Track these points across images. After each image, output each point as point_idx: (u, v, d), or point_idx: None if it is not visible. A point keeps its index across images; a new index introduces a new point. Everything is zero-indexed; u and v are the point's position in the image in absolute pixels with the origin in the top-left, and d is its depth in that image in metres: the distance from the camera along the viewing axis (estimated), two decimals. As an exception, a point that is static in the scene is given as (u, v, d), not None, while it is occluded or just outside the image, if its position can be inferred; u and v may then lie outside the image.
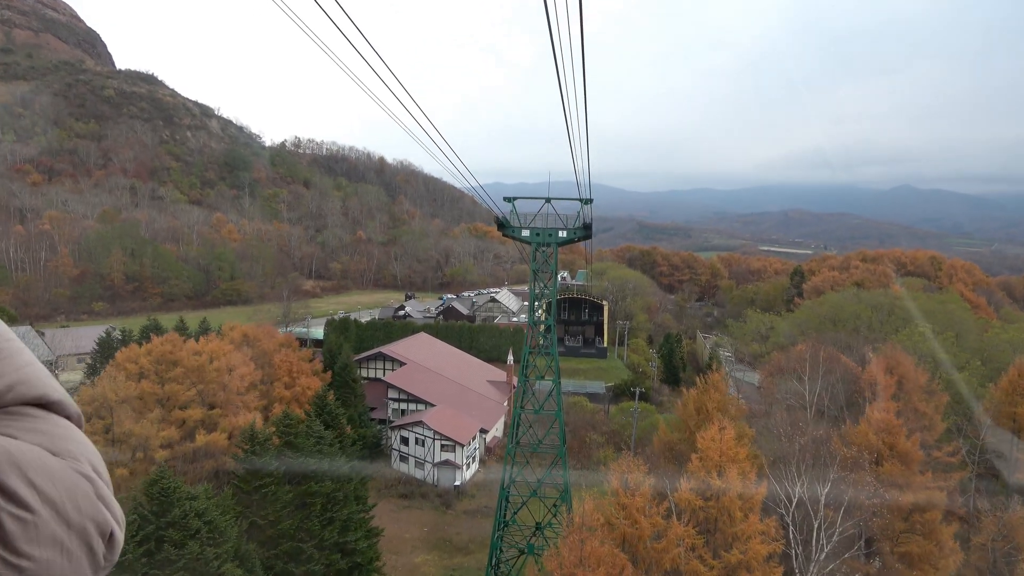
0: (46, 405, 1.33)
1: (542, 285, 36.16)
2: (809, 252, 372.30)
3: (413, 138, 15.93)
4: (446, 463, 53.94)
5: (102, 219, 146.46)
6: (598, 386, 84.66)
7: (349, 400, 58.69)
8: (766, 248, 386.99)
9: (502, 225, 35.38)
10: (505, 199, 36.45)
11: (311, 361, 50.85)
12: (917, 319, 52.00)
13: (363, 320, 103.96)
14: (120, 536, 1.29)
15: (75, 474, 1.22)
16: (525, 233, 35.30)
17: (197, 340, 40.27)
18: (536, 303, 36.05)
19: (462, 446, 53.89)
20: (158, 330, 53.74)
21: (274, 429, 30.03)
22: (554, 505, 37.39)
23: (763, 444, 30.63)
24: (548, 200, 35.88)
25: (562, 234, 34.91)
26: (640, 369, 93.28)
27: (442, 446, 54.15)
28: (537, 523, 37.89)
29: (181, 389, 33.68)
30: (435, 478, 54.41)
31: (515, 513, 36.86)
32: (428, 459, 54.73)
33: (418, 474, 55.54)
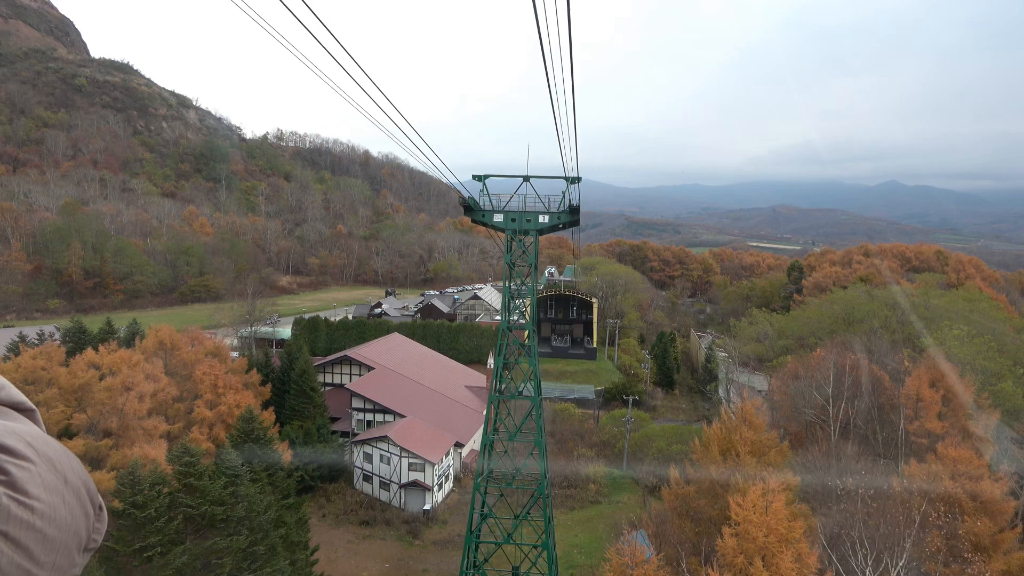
0: (24, 411, 1.41)
1: (519, 281, 29.67)
2: (798, 248, 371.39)
3: (370, 119, 14.64)
4: (414, 484, 47.39)
5: (64, 211, 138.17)
6: (587, 390, 78.40)
7: (307, 411, 52.14)
8: (755, 244, 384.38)
9: (469, 209, 28.79)
10: (475, 177, 29.90)
11: (249, 371, 43.69)
12: (949, 319, 46.02)
13: (337, 318, 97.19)
14: (105, 517, 1.36)
15: (65, 448, 1.31)
16: (498, 218, 28.74)
17: (97, 349, 33.18)
18: (512, 303, 29.53)
19: (433, 465, 47.37)
20: (82, 333, 46.73)
21: (171, 468, 23.41)
22: (533, 547, 30.98)
23: (802, 488, 24.22)
24: (527, 179, 29.33)
25: (543, 219, 28.37)
26: (632, 371, 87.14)
27: (410, 465, 47.62)
28: (514, 568, 31.49)
29: (56, 414, 26.76)
30: (402, 501, 47.87)
31: (486, 560, 30.38)
32: (394, 479, 48.18)
33: (383, 496, 48.97)
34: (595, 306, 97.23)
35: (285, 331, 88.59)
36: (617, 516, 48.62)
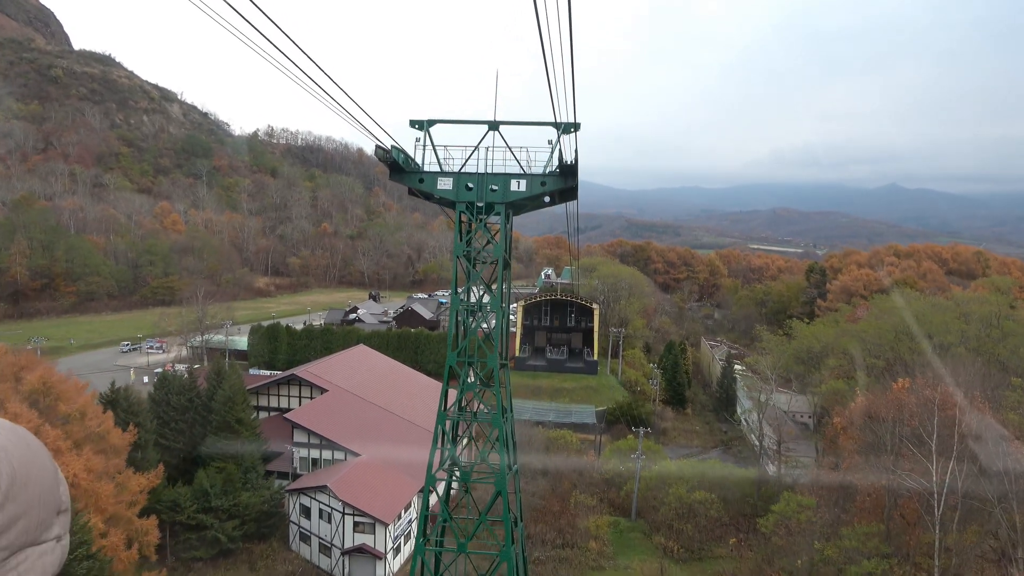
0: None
1: (481, 289, 18.67)
2: (799, 251, 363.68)
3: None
4: (360, 550, 36.31)
5: (16, 206, 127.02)
6: (587, 412, 67.37)
7: (232, 449, 41.08)
8: (756, 247, 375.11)
9: (398, 168, 17.75)
10: (412, 123, 18.80)
11: (105, 412, 31.77)
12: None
13: (309, 325, 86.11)
14: (69, 519, 1.39)
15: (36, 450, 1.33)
16: (444, 184, 17.70)
17: None
18: (467, 323, 18.53)
19: (385, 525, 36.32)
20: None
21: None
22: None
23: None
24: (495, 126, 18.21)
25: (518, 185, 17.32)
26: (638, 387, 76.16)
27: (356, 524, 36.58)
28: None
29: None
30: (345, 571, 36.80)
31: None
32: (336, 542, 37.12)
33: (323, 563, 37.93)
34: (596, 313, 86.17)
35: (241, 340, 77.54)
36: (626, 591, 37.68)
